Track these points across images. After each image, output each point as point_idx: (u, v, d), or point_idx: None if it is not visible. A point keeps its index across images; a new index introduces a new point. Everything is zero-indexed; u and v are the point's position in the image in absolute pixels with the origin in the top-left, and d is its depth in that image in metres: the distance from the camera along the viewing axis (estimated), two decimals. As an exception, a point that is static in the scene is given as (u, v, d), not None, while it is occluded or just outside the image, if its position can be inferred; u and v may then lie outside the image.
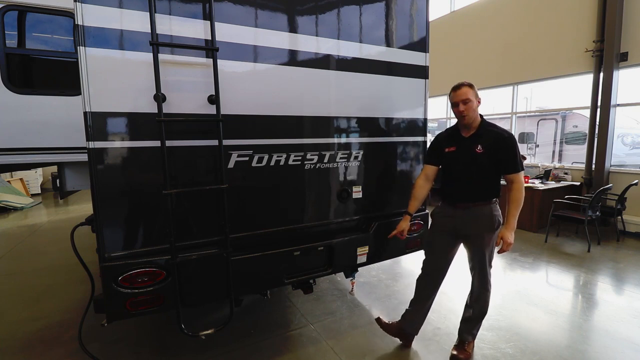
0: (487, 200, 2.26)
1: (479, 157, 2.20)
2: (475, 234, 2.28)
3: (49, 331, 2.90)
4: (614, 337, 2.75)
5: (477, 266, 2.35)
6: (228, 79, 2.07)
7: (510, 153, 2.17)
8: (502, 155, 2.18)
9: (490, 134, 2.21)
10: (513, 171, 2.18)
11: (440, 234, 2.41)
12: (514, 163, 2.17)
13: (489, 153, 2.18)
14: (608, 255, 4.63)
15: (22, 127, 2.98)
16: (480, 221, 2.26)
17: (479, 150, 2.20)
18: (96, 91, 1.76)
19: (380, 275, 3.95)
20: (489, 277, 2.36)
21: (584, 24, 6.18)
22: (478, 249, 2.30)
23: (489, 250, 2.30)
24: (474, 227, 2.28)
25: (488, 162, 2.19)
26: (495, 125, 2.27)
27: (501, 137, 2.19)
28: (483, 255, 2.30)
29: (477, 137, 2.23)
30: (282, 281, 2.38)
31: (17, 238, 5.80)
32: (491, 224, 2.25)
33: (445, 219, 2.38)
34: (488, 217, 2.25)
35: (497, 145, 2.17)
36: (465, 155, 2.25)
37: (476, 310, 2.42)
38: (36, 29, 3.18)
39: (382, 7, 2.60)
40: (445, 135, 2.43)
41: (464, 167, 2.26)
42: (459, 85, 2.21)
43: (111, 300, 1.88)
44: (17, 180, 9.74)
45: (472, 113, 2.18)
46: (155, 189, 1.91)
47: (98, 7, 1.74)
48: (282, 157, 2.30)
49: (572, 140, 7.51)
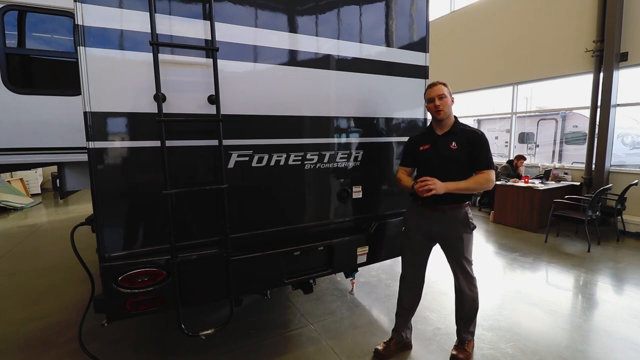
0: (461, 202, 2.29)
1: (453, 153, 2.24)
2: (453, 237, 2.30)
3: (49, 331, 2.89)
4: (614, 337, 2.75)
5: (458, 268, 2.36)
6: (228, 79, 2.07)
7: (482, 150, 2.24)
8: (475, 152, 2.24)
9: (464, 132, 2.29)
10: (485, 167, 2.23)
11: (417, 235, 2.41)
12: (485, 159, 2.24)
13: (463, 150, 2.24)
14: (608, 255, 4.63)
15: (22, 127, 2.98)
16: (457, 223, 2.29)
17: (454, 146, 2.24)
18: (96, 91, 1.76)
19: (380, 275, 3.95)
20: (472, 274, 2.38)
21: (584, 24, 6.19)
22: (457, 250, 2.32)
23: (468, 250, 2.33)
24: (451, 229, 2.30)
25: (462, 159, 2.24)
26: (468, 125, 2.37)
27: (475, 135, 2.26)
28: (463, 256, 2.32)
29: (451, 135, 2.28)
30: (282, 281, 2.38)
31: (17, 238, 5.79)
32: (467, 224, 2.30)
33: (420, 220, 2.38)
34: (463, 219, 2.30)
35: (471, 143, 2.24)
36: (440, 152, 2.27)
37: (467, 309, 2.42)
38: (36, 29, 3.18)
39: (382, 7, 2.60)
40: (419, 135, 2.46)
41: (439, 164, 2.27)
42: (434, 82, 2.31)
43: (111, 300, 1.88)
44: (17, 180, 9.74)
45: (447, 109, 2.25)
46: (155, 189, 1.91)
47: (98, 7, 1.74)
48: (282, 157, 2.30)
49: (572, 140, 7.52)
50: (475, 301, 2.41)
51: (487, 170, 2.22)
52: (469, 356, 2.45)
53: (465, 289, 2.37)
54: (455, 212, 2.28)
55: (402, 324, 2.55)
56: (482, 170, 2.23)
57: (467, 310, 2.42)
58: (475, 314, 2.46)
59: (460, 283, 2.38)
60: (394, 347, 2.52)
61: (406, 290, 2.52)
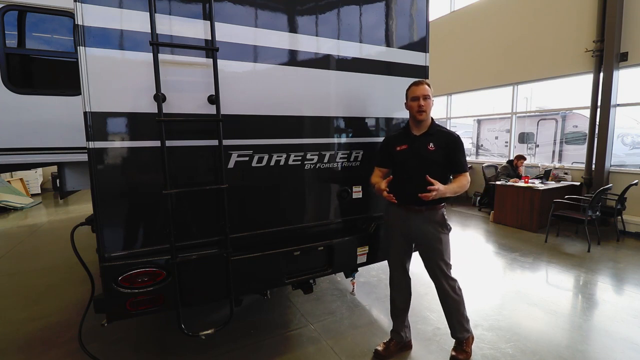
0: (437, 203, 2.28)
1: (430, 154, 2.23)
2: (432, 237, 2.29)
3: (49, 331, 2.89)
4: (614, 337, 2.76)
5: (439, 271, 2.33)
6: (228, 79, 2.06)
7: (459, 153, 2.25)
8: (452, 155, 2.24)
9: (441, 133, 2.28)
10: (462, 171, 2.26)
11: (398, 237, 2.41)
12: (462, 163, 2.27)
13: (440, 152, 2.23)
14: (608, 255, 4.63)
15: (22, 127, 2.98)
16: (434, 224, 2.29)
17: (431, 147, 2.23)
18: (96, 91, 1.76)
19: (380, 275, 3.95)
20: (452, 277, 2.36)
21: (584, 24, 6.19)
22: (436, 252, 2.31)
23: (447, 252, 2.33)
24: (427, 233, 2.29)
25: (440, 161, 2.23)
26: (444, 127, 2.37)
27: (452, 138, 2.26)
28: (442, 259, 2.31)
29: (428, 136, 2.27)
30: (282, 281, 2.38)
31: (17, 238, 5.79)
32: (443, 225, 2.30)
33: (396, 221, 2.38)
34: (440, 221, 2.29)
35: (448, 145, 2.24)
36: (417, 153, 2.26)
37: (455, 312, 2.39)
38: (36, 29, 3.18)
39: (382, 7, 2.60)
40: (395, 135, 2.43)
41: (416, 165, 2.25)
42: (420, 81, 2.29)
43: (111, 300, 1.88)
44: (17, 180, 9.74)
45: (429, 110, 2.25)
46: (155, 189, 1.91)
47: (98, 7, 1.74)
48: (282, 157, 2.30)
49: (572, 140, 7.52)
50: (462, 302, 2.39)
51: (465, 173, 2.27)
52: (468, 356, 2.44)
53: (450, 293, 2.34)
54: (432, 214, 2.28)
55: (400, 324, 2.55)
56: (460, 173, 2.26)
57: (456, 313, 2.40)
58: (465, 313, 2.43)
59: (444, 288, 2.34)
60: (394, 348, 2.52)
61: (396, 291, 2.54)
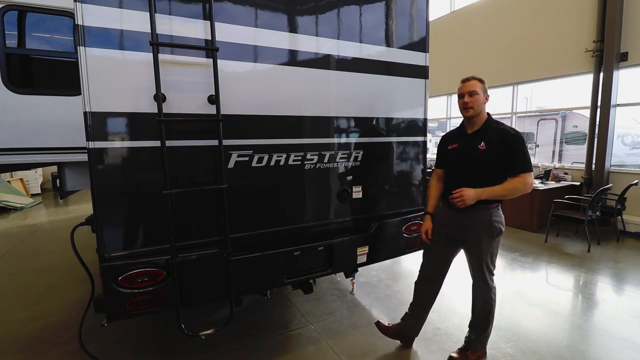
0: (487, 204, 2.11)
1: (481, 154, 2.08)
2: (473, 240, 2.17)
3: (49, 331, 2.89)
4: (614, 337, 2.75)
5: (476, 275, 2.23)
6: (228, 79, 2.06)
7: (514, 152, 2.03)
8: (508, 154, 2.04)
9: (495, 131, 2.10)
10: (520, 171, 2.02)
11: (438, 237, 2.34)
12: (521, 163, 2.03)
13: (492, 151, 2.06)
14: (608, 255, 4.63)
15: (22, 127, 2.98)
16: (478, 227, 2.14)
17: (482, 147, 2.08)
18: (96, 91, 1.76)
19: (380, 275, 3.95)
20: (490, 284, 2.21)
21: (584, 24, 6.18)
22: (476, 257, 2.18)
23: (490, 258, 2.17)
24: (470, 234, 2.17)
25: (491, 161, 2.07)
26: (502, 123, 2.15)
27: (507, 135, 2.06)
28: (481, 264, 2.17)
29: (481, 133, 2.13)
30: (282, 281, 2.38)
31: (17, 238, 5.79)
32: (490, 230, 2.12)
33: (442, 220, 2.33)
34: (487, 223, 2.12)
35: (502, 143, 2.05)
36: (467, 152, 2.15)
37: (479, 319, 2.29)
38: (36, 29, 3.18)
39: (382, 7, 2.60)
40: (450, 133, 2.41)
41: (465, 164, 2.15)
42: (469, 77, 2.17)
43: (111, 300, 1.88)
44: (17, 180, 9.73)
45: (477, 107, 2.10)
46: (155, 189, 1.91)
47: (98, 7, 1.74)
48: (282, 157, 2.30)
49: (572, 140, 7.51)
50: (490, 312, 2.24)
51: (523, 174, 2.01)
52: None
53: (479, 299, 2.24)
54: (479, 214, 2.11)
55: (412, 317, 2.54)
56: (516, 174, 2.03)
57: (480, 320, 2.29)
58: (488, 326, 2.28)
59: (476, 291, 2.26)
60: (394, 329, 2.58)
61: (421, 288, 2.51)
